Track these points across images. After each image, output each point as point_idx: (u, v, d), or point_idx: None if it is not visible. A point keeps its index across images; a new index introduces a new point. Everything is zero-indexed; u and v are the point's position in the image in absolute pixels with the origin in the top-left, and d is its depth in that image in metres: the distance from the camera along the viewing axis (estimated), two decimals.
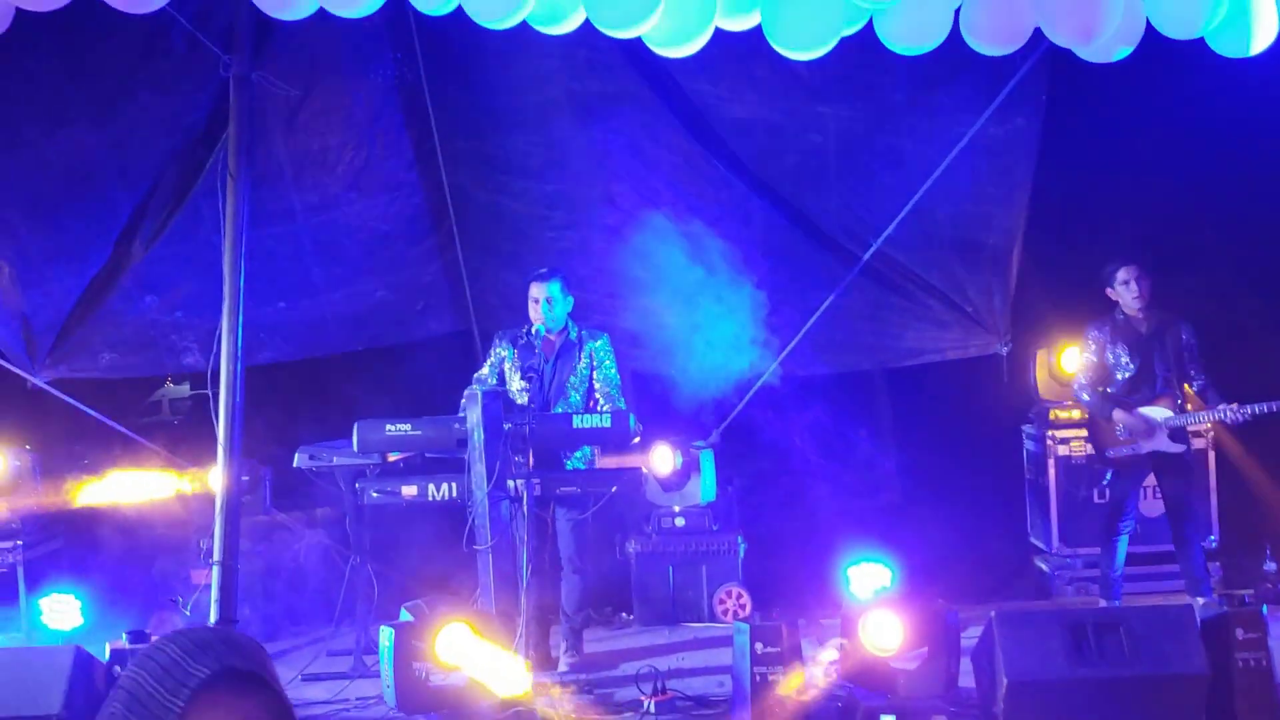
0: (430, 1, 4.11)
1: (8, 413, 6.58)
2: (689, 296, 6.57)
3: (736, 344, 6.37)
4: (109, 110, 5.77)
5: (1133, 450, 5.89)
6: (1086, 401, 6.01)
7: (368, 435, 5.26)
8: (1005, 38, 4.40)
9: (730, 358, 6.41)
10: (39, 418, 6.69)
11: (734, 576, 6.33)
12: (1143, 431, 5.83)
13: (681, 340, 6.65)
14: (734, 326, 6.33)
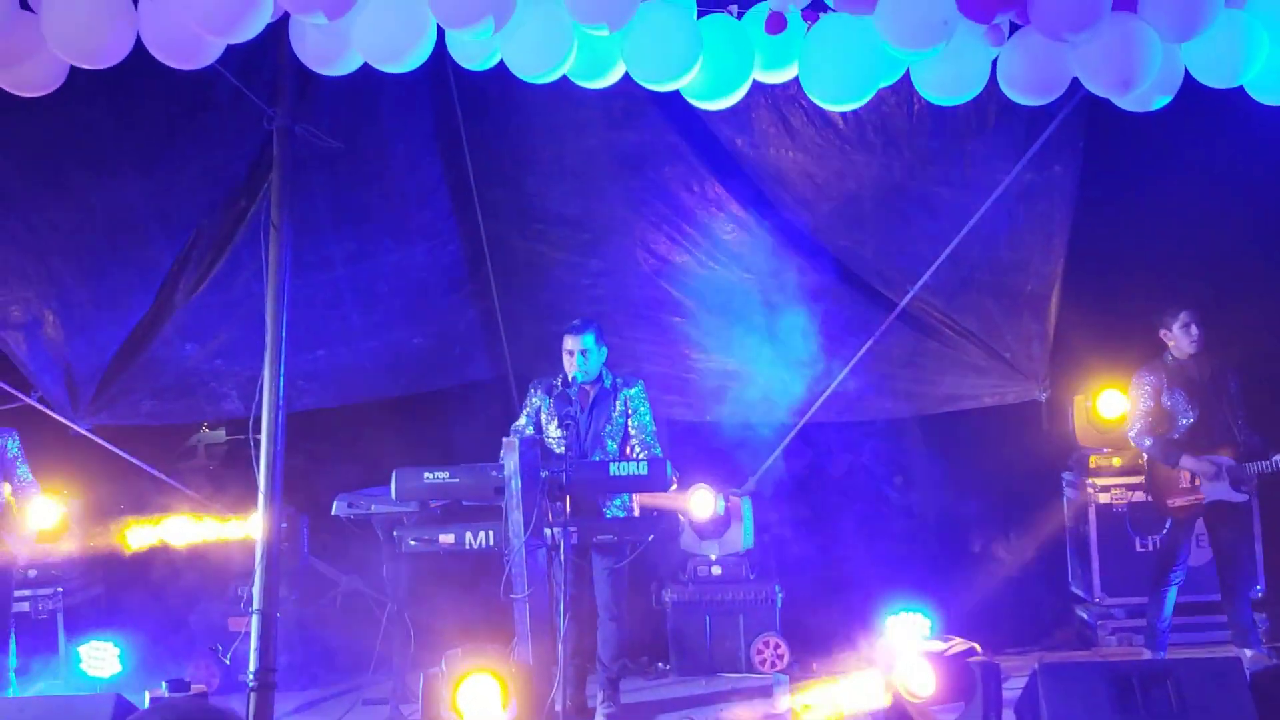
0: (471, 57, 4.16)
1: (50, 459, 6.64)
2: (725, 344, 6.60)
3: (772, 391, 6.38)
4: (154, 160, 5.86)
5: (1196, 500, 5.82)
6: (1149, 448, 5.89)
7: (406, 483, 5.28)
8: (1043, 87, 4.41)
9: (766, 405, 6.42)
10: (79, 464, 6.76)
11: (772, 626, 6.27)
12: (1210, 475, 5.77)
13: (718, 387, 6.67)
14: (770, 374, 6.35)
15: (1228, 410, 5.83)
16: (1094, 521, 6.61)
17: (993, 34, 4.33)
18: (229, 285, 6.21)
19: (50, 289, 6.16)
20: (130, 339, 6.39)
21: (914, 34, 4.15)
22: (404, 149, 6.34)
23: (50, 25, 3.82)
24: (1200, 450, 5.79)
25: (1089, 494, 6.64)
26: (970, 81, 4.39)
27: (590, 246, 6.70)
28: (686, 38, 4.07)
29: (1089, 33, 4.22)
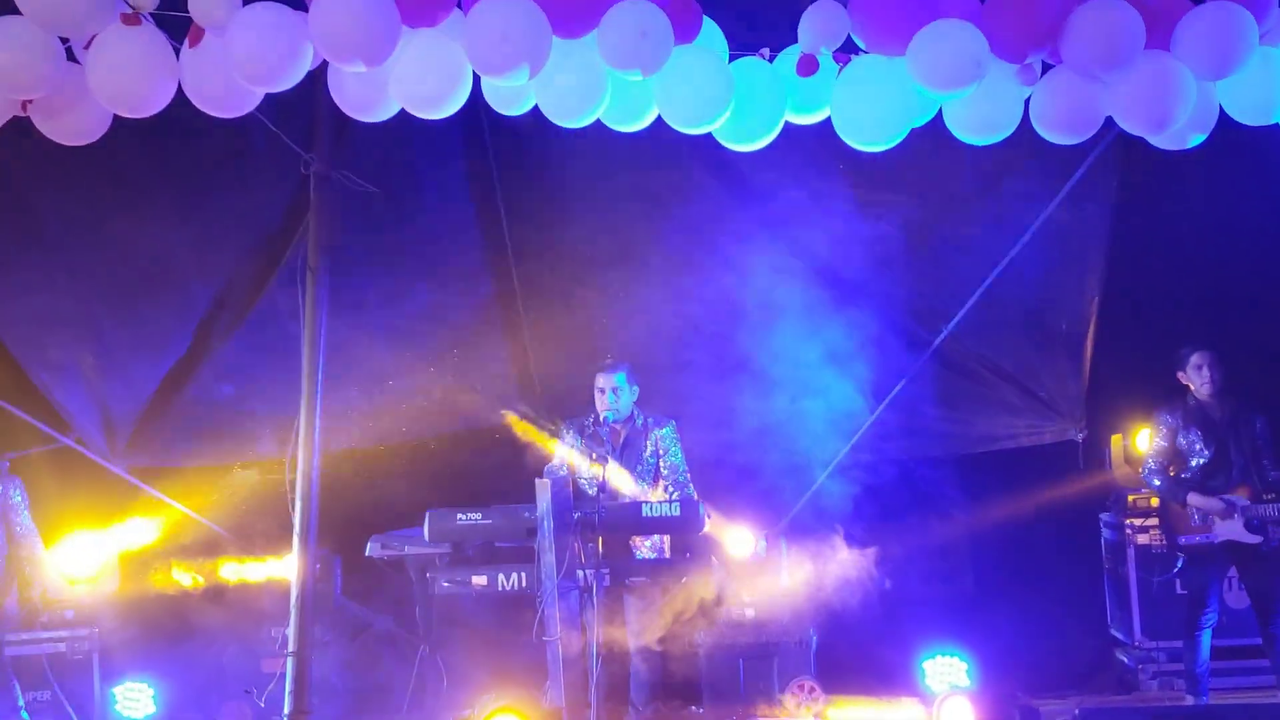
0: (506, 103, 4.21)
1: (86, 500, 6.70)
2: (759, 384, 6.57)
3: (806, 431, 6.34)
4: (191, 206, 5.95)
5: (1206, 539, 5.74)
6: (1157, 486, 5.89)
7: (439, 524, 5.30)
8: (1076, 127, 4.40)
9: (800, 445, 6.38)
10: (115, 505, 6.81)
11: (806, 669, 6.19)
12: (1219, 513, 5.69)
13: (751, 427, 6.63)
14: (804, 414, 6.31)
15: (1249, 452, 5.77)
16: (1133, 562, 6.51)
17: (1025, 73, 4.34)
18: (265, 327, 6.27)
19: (89, 331, 6.24)
20: (167, 380, 6.46)
21: (946, 75, 4.16)
22: (437, 191, 6.41)
23: (95, 75, 3.90)
24: (1214, 490, 5.73)
25: (1127, 535, 6.55)
26: (1003, 121, 4.39)
27: (621, 286, 6.72)
28: (719, 81, 4.09)
29: (1122, 71, 4.22)
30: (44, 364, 6.23)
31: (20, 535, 5.78)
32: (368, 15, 3.72)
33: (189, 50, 3.92)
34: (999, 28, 4.20)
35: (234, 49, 3.79)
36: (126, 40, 3.84)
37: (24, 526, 5.80)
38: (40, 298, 6.00)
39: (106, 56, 3.86)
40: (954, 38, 4.13)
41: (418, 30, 3.90)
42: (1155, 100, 4.23)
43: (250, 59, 3.78)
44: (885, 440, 6.40)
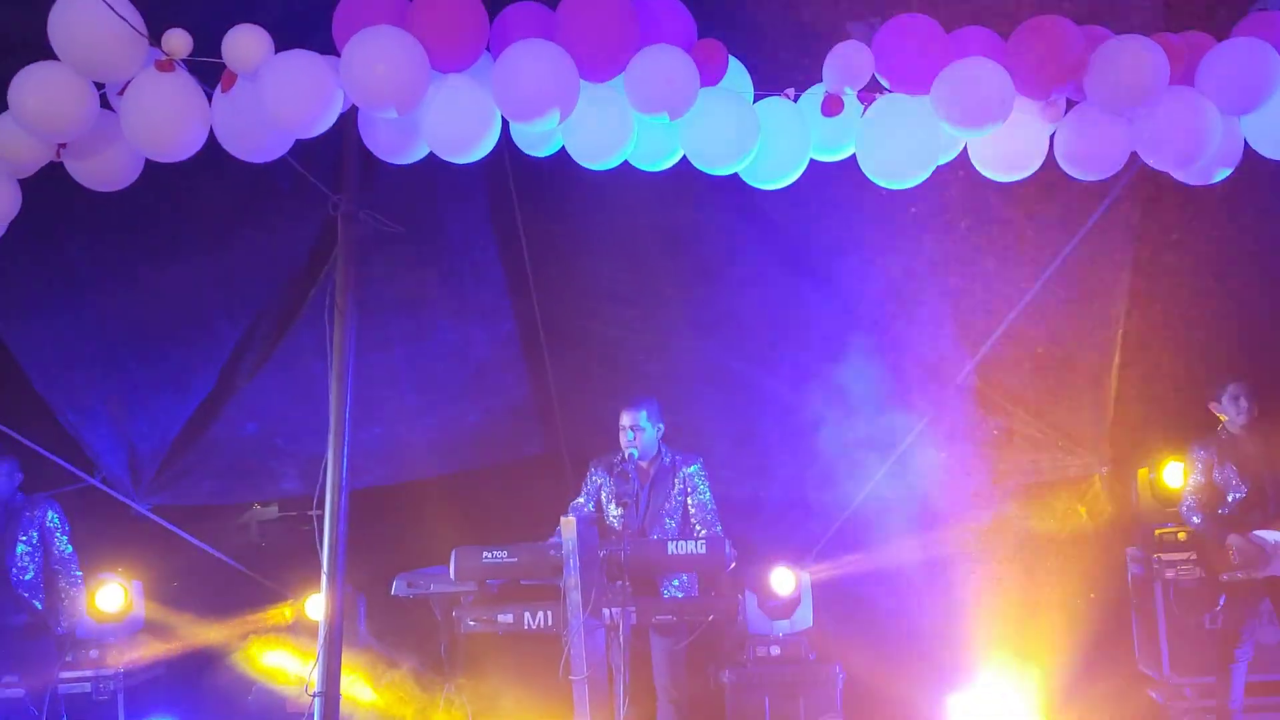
0: (534, 145, 4.23)
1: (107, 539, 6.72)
2: (781, 419, 6.55)
3: (829, 466, 6.31)
4: (217, 246, 5.98)
5: (1249, 575, 5.67)
6: (1197, 525, 5.84)
7: (464, 562, 5.26)
8: (1101, 163, 4.39)
9: (824, 480, 6.35)
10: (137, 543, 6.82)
11: (833, 708, 6.13)
12: (1259, 559, 5.62)
13: (775, 462, 6.61)
14: (827, 449, 6.28)
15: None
16: (1160, 598, 6.43)
17: (1049, 110, 4.33)
18: (290, 366, 6.29)
19: (115, 371, 6.27)
20: (193, 419, 6.48)
21: (971, 113, 4.15)
22: (460, 230, 6.43)
23: (129, 120, 3.93)
24: (1252, 526, 5.66)
25: (1154, 569, 6.47)
26: (1028, 158, 4.38)
27: (642, 322, 6.73)
28: (745, 123, 4.11)
29: (1147, 108, 4.22)
30: (71, 404, 6.26)
31: (58, 561, 5.85)
32: (399, 62, 3.75)
33: (221, 95, 3.95)
34: (1023, 65, 4.21)
35: (266, 95, 3.82)
36: (160, 86, 3.87)
37: (62, 552, 5.88)
38: (69, 339, 6.04)
39: (141, 102, 3.89)
40: (978, 76, 4.13)
41: (447, 76, 3.92)
42: (1181, 136, 4.21)
43: (282, 105, 3.81)
44: (909, 476, 6.35)
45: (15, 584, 5.78)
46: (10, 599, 5.78)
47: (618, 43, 3.99)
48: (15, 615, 5.79)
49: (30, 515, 5.86)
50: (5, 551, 5.77)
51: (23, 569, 5.82)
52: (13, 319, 5.89)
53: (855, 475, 6.19)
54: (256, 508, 11.73)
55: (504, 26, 4.02)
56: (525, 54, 3.84)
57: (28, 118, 3.85)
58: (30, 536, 5.85)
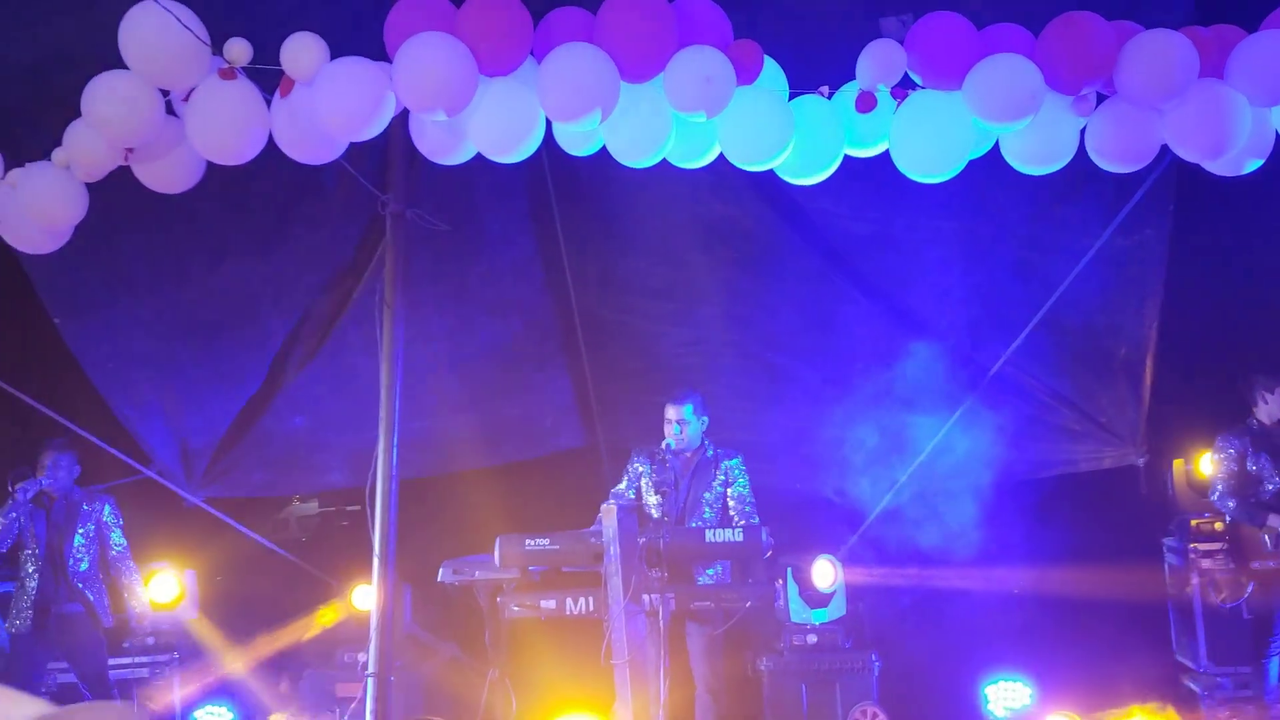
0: (576, 145, 4.43)
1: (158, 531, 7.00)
2: (815, 411, 6.71)
3: (864, 457, 6.46)
4: (267, 245, 6.24)
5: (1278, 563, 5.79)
6: (1233, 509, 5.94)
7: (508, 549, 5.47)
8: (1132, 155, 4.54)
9: (859, 471, 6.50)
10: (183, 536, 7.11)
11: (869, 695, 6.27)
12: None
13: (809, 454, 6.77)
14: (861, 441, 6.43)
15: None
16: (1197, 587, 6.54)
17: (1080, 104, 4.49)
18: (337, 360, 6.54)
19: (169, 368, 6.55)
20: (243, 413, 6.75)
21: (1003, 108, 4.32)
22: (499, 227, 6.65)
23: (193, 125, 4.18)
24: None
25: (1191, 559, 6.58)
26: (1059, 152, 4.53)
27: (679, 316, 6.91)
28: (780, 120, 4.29)
29: (1177, 100, 4.36)
30: (127, 400, 6.54)
31: (113, 554, 6.14)
32: (448, 67, 3.97)
33: (279, 100, 4.19)
34: (1054, 60, 4.36)
35: (321, 100, 4.06)
36: (222, 93, 4.12)
37: (117, 545, 6.16)
38: (125, 337, 6.32)
39: (204, 108, 4.14)
40: (1010, 72, 4.29)
41: (494, 80, 4.14)
42: (1211, 128, 4.35)
43: (337, 109, 4.04)
44: (944, 466, 6.49)
45: (72, 574, 6.05)
46: (66, 588, 6.05)
47: (656, 44, 4.19)
48: (70, 604, 6.07)
49: (88, 508, 6.14)
50: (64, 542, 6.05)
51: (79, 559, 6.09)
52: (72, 317, 6.17)
53: (891, 466, 6.33)
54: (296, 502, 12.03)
55: (547, 30, 4.23)
56: (568, 57, 4.05)
57: (99, 123, 4.11)
58: (87, 529, 6.13)
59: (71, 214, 4.41)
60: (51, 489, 6.04)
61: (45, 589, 6.00)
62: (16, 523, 5.96)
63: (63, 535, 6.07)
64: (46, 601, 5.98)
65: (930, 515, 6.52)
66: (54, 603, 6.00)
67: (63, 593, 6.05)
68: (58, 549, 6.05)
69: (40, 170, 4.41)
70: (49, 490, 6.04)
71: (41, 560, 5.98)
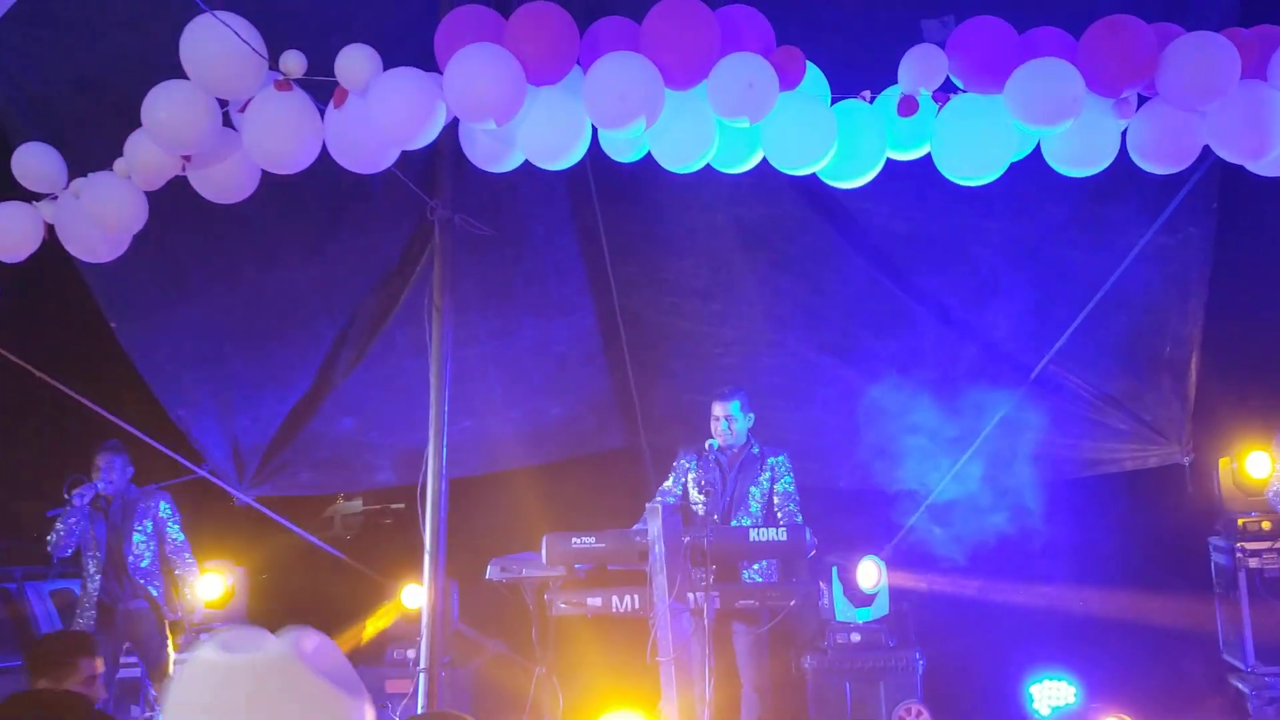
0: (621, 151, 4.57)
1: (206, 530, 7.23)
2: (856, 409, 6.81)
3: (906, 457, 6.55)
4: (316, 249, 6.45)
5: None
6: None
7: (555, 548, 5.62)
8: (1174, 157, 4.60)
9: (901, 471, 6.59)
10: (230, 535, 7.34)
11: (913, 693, 6.37)
12: None
13: (851, 453, 6.87)
14: (903, 440, 6.52)
15: None
16: (1244, 587, 6.58)
17: (1121, 106, 4.56)
18: (384, 362, 6.74)
19: (221, 370, 6.78)
20: (292, 414, 6.97)
21: (1044, 111, 4.40)
22: (543, 230, 6.82)
23: (250, 135, 4.37)
24: None
25: (1239, 559, 6.62)
26: (1101, 154, 4.60)
27: (720, 317, 7.05)
28: (823, 125, 4.40)
29: (1219, 102, 4.42)
30: (181, 401, 6.78)
31: (172, 550, 6.38)
32: (497, 77, 4.12)
33: (333, 110, 4.36)
34: (1095, 63, 4.44)
35: (375, 110, 4.22)
36: (278, 103, 4.30)
37: (175, 540, 6.40)
38: (180, 340, 6.56)
39: (261, 118, 4.32)
40: (1051, 75, 4.37)
41: (541, 89, 4.29)
42: (1252, 130, 4.41)
43: (390, 120, 4.21)
44: (990, 465, 6.57)
45: (133, 571, 6.30)
46: (129, 585, 6.31)
47: (700, 52, 4.31)
48: (133, 600, 6.33)
49: (145, 506, 6.39)
50: (124, 541, 6.30)
51: (139, 556, 6.34)
52: (127, 321, 6.40)
53: (935, 466, 6.42)
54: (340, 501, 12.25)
55: (593, 40, 4.37)
56: (613, 65, 4.18)
57: (158, 131, 4.30)
58: (145, 526, 6.37)
59: (133, 222, 4.62)
60: (107, 490, 6.28)
61: (109, 588, 6.26)
62: (76, 527, 6.21)
63: (121, 535, 6.31)
64: (112, 600, 6.25)
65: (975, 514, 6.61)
66: (119, 600, 6.26)
67: (127, 590, 6.31)
68: (117, 548, 6.29)
69: (102, 179, 4.61)
70: (105, 492, 6.28)
71: (103, 561, 6.24)
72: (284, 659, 1.96)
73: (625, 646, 6.08)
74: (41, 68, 5.63)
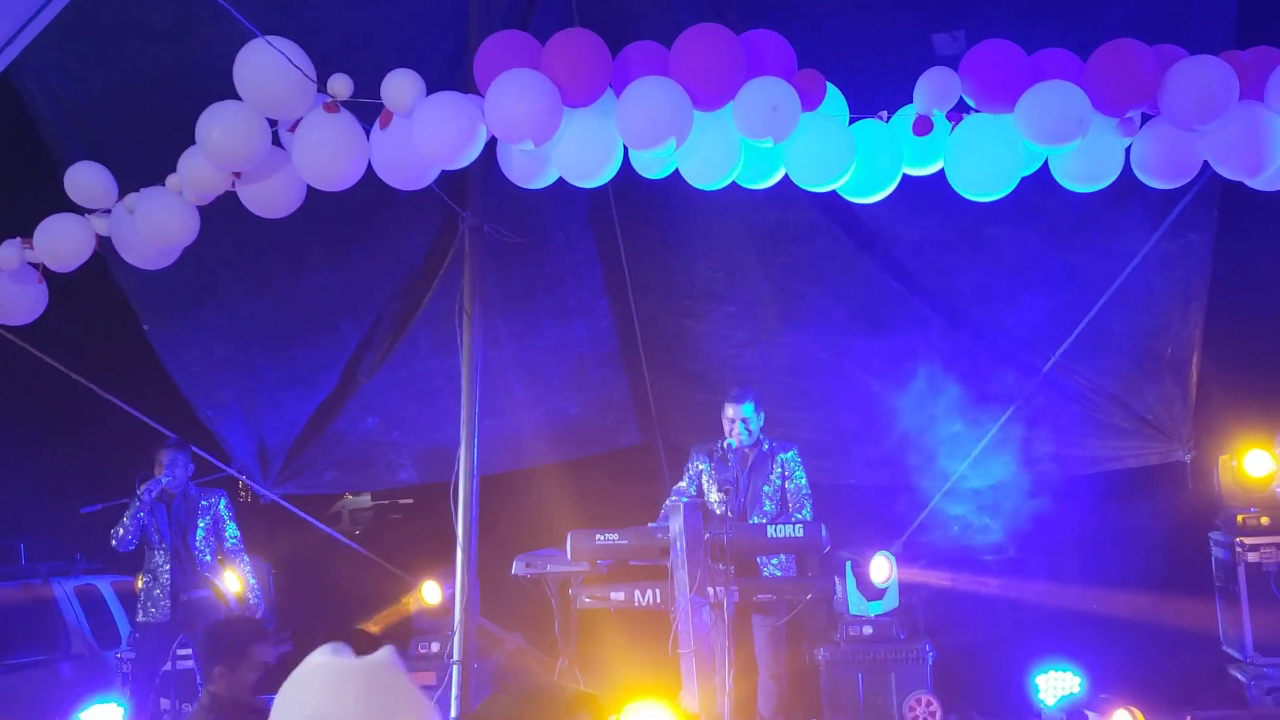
0: (651, 169, 4.93)
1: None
2: (867, 409, 7.19)
3: (916, 455, 6.92)
4: (343, 254, 6.81)
5: None
6: None
7: (580, 544, 6.00)
8: (1175, 173, 4.98)
9: (910, 468, 6.97)
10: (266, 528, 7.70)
11: (923, 684, 6.70)
12: None
13: (862, 451, 7.25)
14: (913, 439, 6.89)
15: None
16: (1244, 580, 6.92)
17: (1125, 126, 4.93)
18: (407, 363, 7.11)
19: (248, 371, 7.14)
20: (317, 414, 7.33)
21: (1052, 131, 4.77)
22: (562, 235, 7.19)
23: (299, 154, 4.73)
24: None
25: (1238, 553, 6.96)
26: (1105, 170, 4.98)
27: (735, 319, 7.41)
28: (842, 145, 4.77)
29: (1218, 123, 4.79)
30: (209, 401, 7.14)
31: (229, 545, 6.73)
32: (536, 100, 4.48)
33: (378, 131, 4.72)
34: (1101, 85, 4.81)
35: (420, 132, 4.58)
36: (327, 125, 4.66)
37: (233, 537, 6.75)
38: (209, 343, 6.92)
39: (310, 139, 4.68)
40: (1058, 97, 4.75)
41: (576, 111, 4.65)
42: (1249, 149, 4.80)
43: (434, 141, 4.57)
44: (998, 463, 6.93)
45: (199, 564, 6.65)
46: (195, 577, 6.66)
47: (726, 75, 4.68)
48: (197, 591, 6.68)
49: (206, 503, 6.72)
50: (188, 534, 6.66)
51: (202, 550, 6.69)
52: (159, 324, 6.77)
53: (943, 463, 6.79)
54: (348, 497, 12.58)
55: (624, 63, 4.73)
56: (644, 89, 4.54)
57: (212, 149, 4.66)
58: (206, 522, 6.71)
59: (185, 234, 4.97)
60: (170, 486, 6.62)
61: (176, 580, 6.60)
62: (141, 520, 6.55)
63: (185, 529, 6.66)
64: (177, 590, 6.60)
65: (982, 511, 6.98)
66: (183, 590, 6.61)
67: (191, 580, 6.65)
68: (183, 542, 6.64)
69: (156, 194, 4.96)
70: (169, 488, 6.61)
71: (169, 553, 6.58)
72: (386, 663, 2.37)
73: (645, 639, 6.45)
74: (79, 82, 5.97)
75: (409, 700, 2.39)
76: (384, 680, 2.37)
